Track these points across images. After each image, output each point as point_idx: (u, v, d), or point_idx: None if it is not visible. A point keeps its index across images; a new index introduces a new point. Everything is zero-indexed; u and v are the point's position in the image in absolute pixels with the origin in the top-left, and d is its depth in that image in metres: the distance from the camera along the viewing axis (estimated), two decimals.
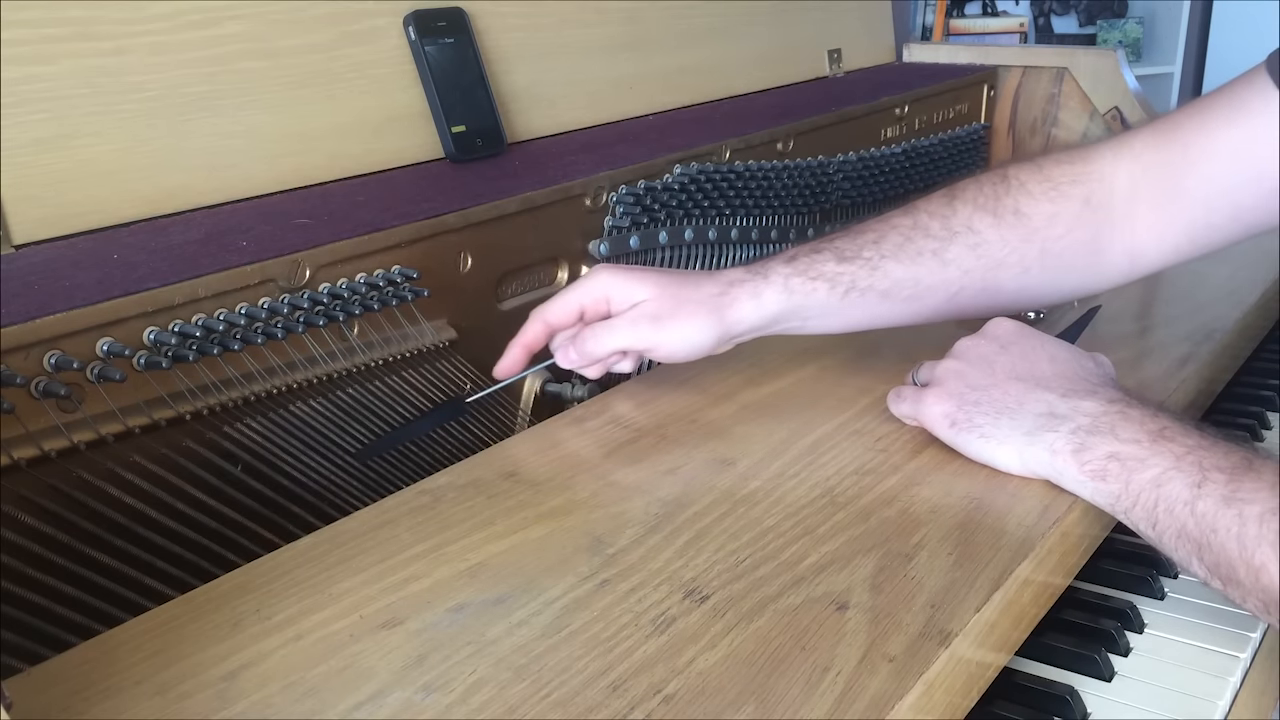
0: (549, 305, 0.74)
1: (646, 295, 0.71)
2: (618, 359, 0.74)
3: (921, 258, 0.72)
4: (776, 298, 0.71)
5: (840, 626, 0.51)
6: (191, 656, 0.50)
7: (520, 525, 0.60)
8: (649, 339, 0.71)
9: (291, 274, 0.69)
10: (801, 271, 0.72)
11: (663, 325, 0.71)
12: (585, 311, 0.73)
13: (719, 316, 0.71)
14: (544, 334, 0.74)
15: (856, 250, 0.73)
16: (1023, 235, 0.73)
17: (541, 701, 0.47)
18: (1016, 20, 3.14)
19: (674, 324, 0.71)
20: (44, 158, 0.70)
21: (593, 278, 0.73)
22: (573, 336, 0.73)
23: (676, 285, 0.72)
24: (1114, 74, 1.41)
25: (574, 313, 0.73)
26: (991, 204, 0.73)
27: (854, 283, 0.72)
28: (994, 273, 0.73)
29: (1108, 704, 0.60)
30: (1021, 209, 0.73)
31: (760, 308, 0.71)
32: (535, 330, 0.74)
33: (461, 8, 0.94)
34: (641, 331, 0.71)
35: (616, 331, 0.71)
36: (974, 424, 0.65)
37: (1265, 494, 0.53)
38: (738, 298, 0.71)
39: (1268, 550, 0.52)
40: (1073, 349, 0.69)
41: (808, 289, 0.72)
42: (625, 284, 0.72)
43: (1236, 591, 0.54)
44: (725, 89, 1.23)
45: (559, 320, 0.74)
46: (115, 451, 0.61)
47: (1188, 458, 0.56)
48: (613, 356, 0.73)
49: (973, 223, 0.73)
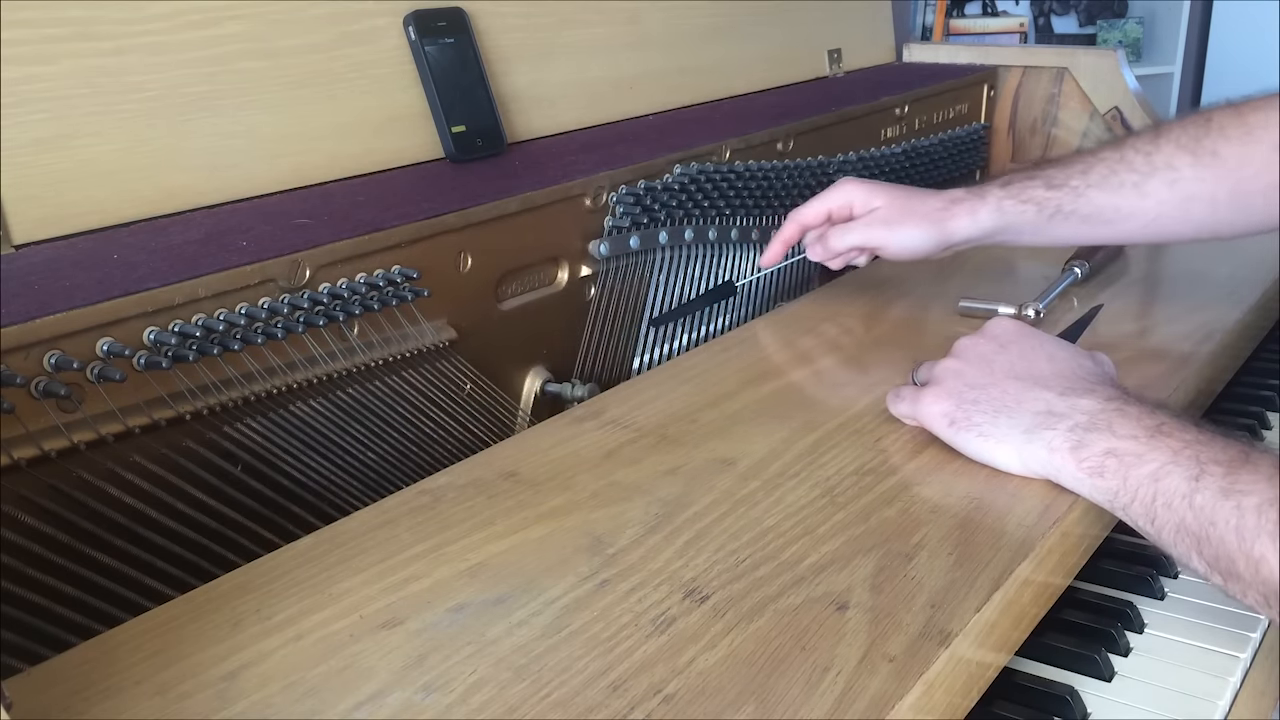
0: (802, 208, 0.89)
1: (881, 203, 0.86)
2: (855, 255, 0.89)
3: (1123, 189, 0.81)
4: (990, 216, 0.83)
5: (840, 626, 0.51)
6: (191, 656, 0.50)
7: (520, 525, 0.60)
8: (881, 239, 0.85)
9: (291, 274, 0.69)
10: (1014, 195, 0.83)
11: (893, 229, 0.85)
12: (832, 214, 0.88)
13: (940, 227, 0.84)
14: (798, 232, 0.90)
15: (1065, 179, 0.82)
16: (1217, 175, 0.79)
17: (541, 701, 0.47)
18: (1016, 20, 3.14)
19: (902, 229, 0.85)
20: (44, 158, 0.70)
21: (839, 187, 0.87)
22: (820, 235, 0.88)
23: (906, 198, 0.86)
24: (1114, 74, 1.41)
25: (823, 214, 0.88)
26: (1192, 144, 0.79)
27: (1060, 207, 0.82)
28: (1188, 205, 0.80)
29: (1108, 704, 0.60)
30: (1219, 150, 0.79)
31: (975, 223, 0.83)
32: (791, 230, 0.90)
33: (461, 8, 0.94)
34: (875, 233, 0.85)
35: (855, 231, 0.86)
36: (972, 423, 0.65)
37: (1263, 485, 0.53)
38: (957, 214, 0.84)
39: (1266, 541, 0.51)
40: (1071, 348, 0.69)
41: (1018, 210, 0.83)
42: (865, 193, 0.86)
43: (1236, 585, 0.54)
44: (725, 89, 1.23)
45: (810, 220, 0.89)
46: (115, 451, 0.61)
47: (1185, 452, 0.56)
48: (851, 252, 0.88)
49: (1174, 160, 0.80)
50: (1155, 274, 1.02)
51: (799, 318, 0.92)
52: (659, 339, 0.97)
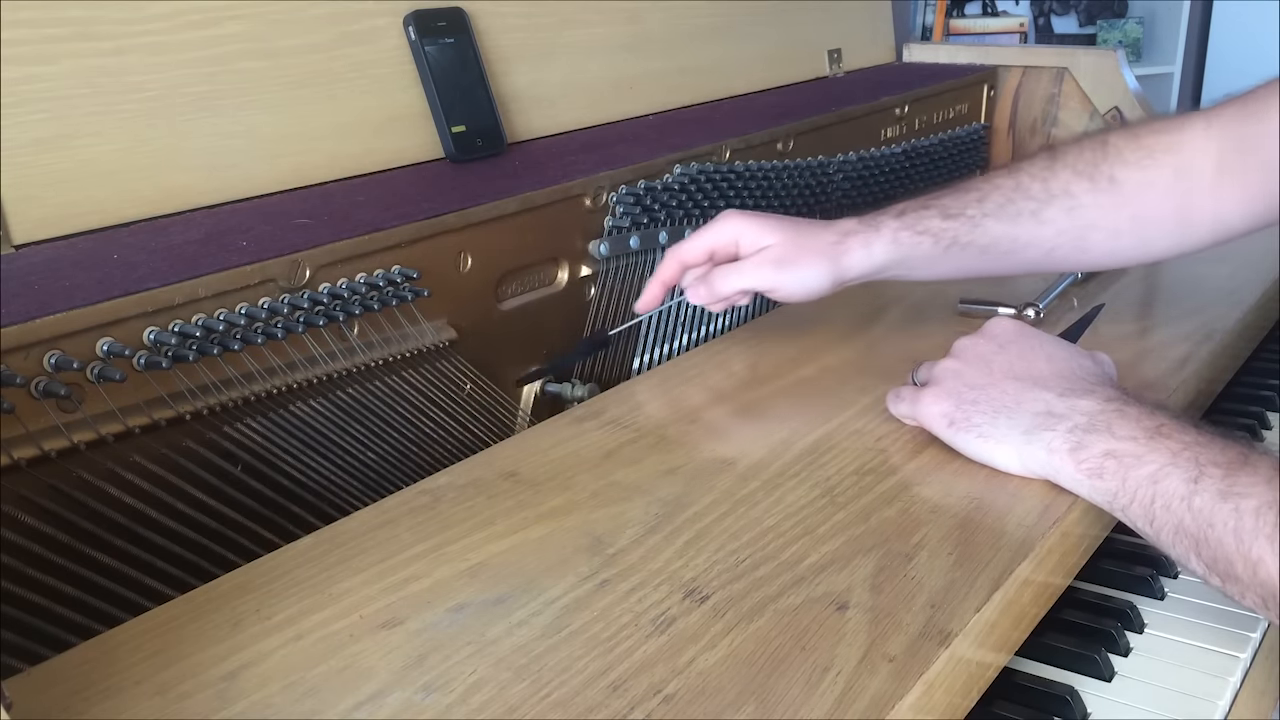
0: (682, 245, 0.82)
1: (771, 241, 0.79)
2: (740, 297, 0.82)
3: (1020, 218, 0.78)
4: (885, 249, 0.78)
5: (840, 626, 0.51)
6: (191, 656, 0.50)
7: (520, 525, 0.60)
8: (771, 281, 0.79)
9: (291, 274, 0.69)
10: (909, 226, 0.78)
11: (784, 270, 0.78)
12: (715, 252, 0.81)
13: (834, 264, 0.78)
14: (678, 271, 0.82)
15: (960, 208, 0.79)
16: (1116, 201, 0.77)
17: (541, 701, 0.47)
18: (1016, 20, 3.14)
19: (794, 269, 0.78)
20: (44, 158, 0.70)
21: (723, 221, 0.80)
22: (703, 276, 0.81)
23: (797, 233, 0.79)
24: (1114, 74, 1.41)
25: (705, 252, 0.81)
26: (1089, 170, 0.77)
27: (956, 238, 0.78)
28: (1087, 233, 0.78)
29: (1108, 704, 0.60)
30: (1116, 176, 0.77)
31: (870, 257, 0.78)
32: (670, 268, 0.82)
33: (461, 8, 0.94)
34: (765, 274, 0.79)
35: (744, 274, 0.79)
36: (972, 423, 0.65)
37: (1261, 488, 0.53)
38: (850, 247, 0.78)
39: (1264, 544, 0.52)
40: (1071, 348, 0.69)
41: (914, 242, 0.78)
42: (752, 229, 0.80)
43: (1235, 587, 0.54)
44: (725, 89, 1.23)
45: (692, 259, 0.81)
46: (115, 451, 0.61)
47: (1184, 454, 0.56)
48: (738, 295, 0.81)
49: (1070, 187, 0.77)
50: (1155, 274, 1.02)
51: (799, 317, 0.92)
52: (659, 339, 0.97)
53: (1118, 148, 0.77)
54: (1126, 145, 0.77)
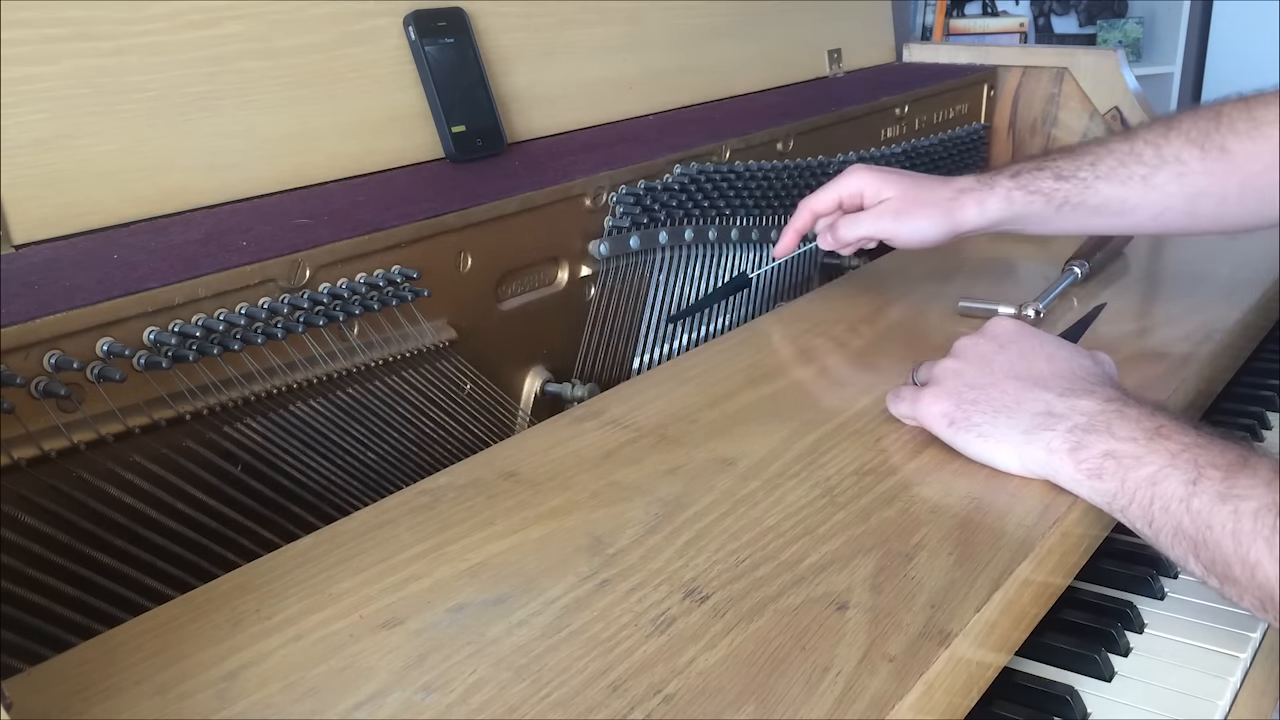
0: (814, 196, 0.90)
1: (891, 194, 0.87)
2: (865, 243, 0.90)
3: (1131, 181, 0.81)
4: (998, 206, 0.84)
5: (840, 626, 0.51)
6: (191, 656, 0.50)
7: (520, 525, 0.60)
8: (890, 229, 0.87)
9: (291, 274, 0.69)
10: (1023, 185, 0.84)
11: (901, 220, 0.86)
12: (843, 202, 0.89)
13: (949, 217, 0.85)
14: (810, 220, 0.91)
15: (1074, 170, 0.83)
16: (1226, 169, 0.79)
17: (541, 701, 0.47)
18: (1016, 20, 3.14)
19: (911, 219, 0.86)
20: (44, 158, 0.70)
21: (850, 175, 0.89)
22: (830, 224, 0.90)
23: (916, 187, 0.87)
24: (1114, 74, 1.41)
25: (834, 203, 0.90)
26: (1201, 139, 0.80)
27: (1068, 199, 0.83)
28: (1196, 199, 0.80)
29: (1108, 704, 0.60)
30: (1227, 145, 0.79)
31: (984, 213, 0.84)
32: (804, 217, 0.91)
33: (461, 8, 0.94)
34: (885, 223, 0.87)
35: (865, 222, 0.87)
36: (972, 423, 0.65)
37: (1260, 490, 0.53)
38: (965, 204, 0.85)
39: (1263, 546, 0.51)
40: (1071, 348, 0.69)
41: (1026, 201, 0.83)
42: (876, 182, 0.88)
43: (1233, 589, 0.54)
44: (725, 89, 1.23)
45: (822, 208, 0.90)
46: (115, 451, 0.61)
47: (1183, 455, 0.56)
48: (862, 241, 0.89)
49: (1182, 154, 0.80)
50: (1155, 274, 1.02)
51: (799, 317, 0.92)
52: (659, 339, 0.97)
53: (1230, 118, 0.79)
54: (1239, 116, 0.79)
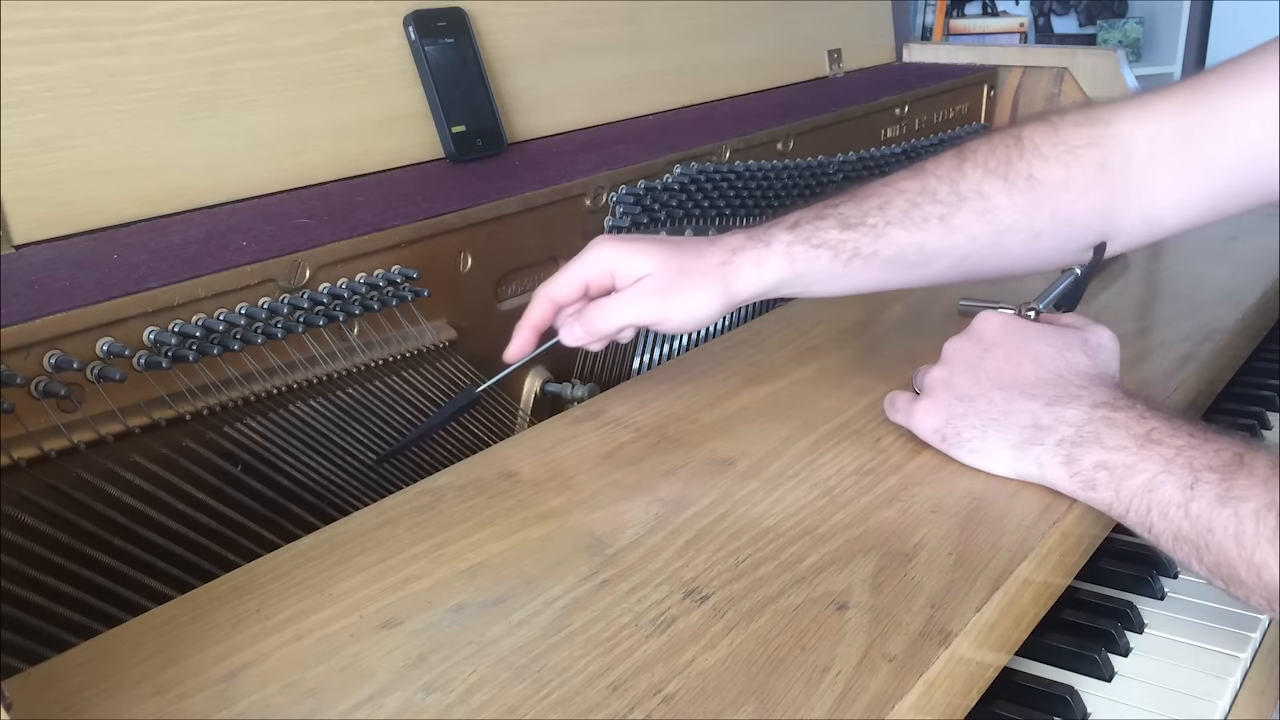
0: (552, 282, 0.73)
1: (651, 269, 0.71)
2: (623, 333, 0.74)
3: (928, 224, 0.71)
4: (779, 265, 0.71)
5: (840, 626, 0.51)
6: (191, 656, 0.50)
7: (520, 525, 0.60)
8: (656, 313, 0.71)
9: (291, 274, 0.69)
10: (804, 239, 0.71)
11: (668, 299, 0.70)
12: (590, 287, 0.73)
13: (724, 286, 0.71)
14: (551, 312, 0.74)
15: (861, 217, 0.71)
16: (1034, 201, 0.71)
17: (541, 701, 0.47)
18: (1016, 20, 3.14)
19: (680, 296, 0.70)
20: (44, 158, 0.70)
21: (595, 251, 0.72)
22: (578, 313, 0.73)
23: (680, 256, 0.71)
24: (1114, 74, 1.41)
25: (579, 288, 0.73)
26: (1003, 168, 0.71)
27: (857, 250, 0.71)
28: (1003, 237, 0.72)
29: (1108, 704, 0.60)
30: (1034, 174, 0.70)
31: (762, 275, 0.71)
32: (542, 309, 0.73)
33: (461, 8, 0.94)
34: (648, 306, 0.71)
35: (623, 308, 0.71)
36: (963, 438, 0.64)
37: (1259, 490, 0.52)
38: (741, 266, 0.71)
39: (1266, 547, 0.51)
40: (1061, 342, 0.66)
41: (810, 256, 0.71)
42: (628, 257, 0.71)
43: (1240, 590, 0.54)
44: (725, 89, 1.23)
45: (564, 297, 0.73)
46: (115, 451, 0.61)
47: (1178, 459, 0.56)
48: (619, 330, 0.73)
49: (982, 187, 0.71)
50: (1155, 274, 1.02)
51: (799, 317, 0.92)
52: (659, 339, 0.97)
53: (1034, 143, 0.71)
54: (1044, 139, 0.71)
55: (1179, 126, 0.69)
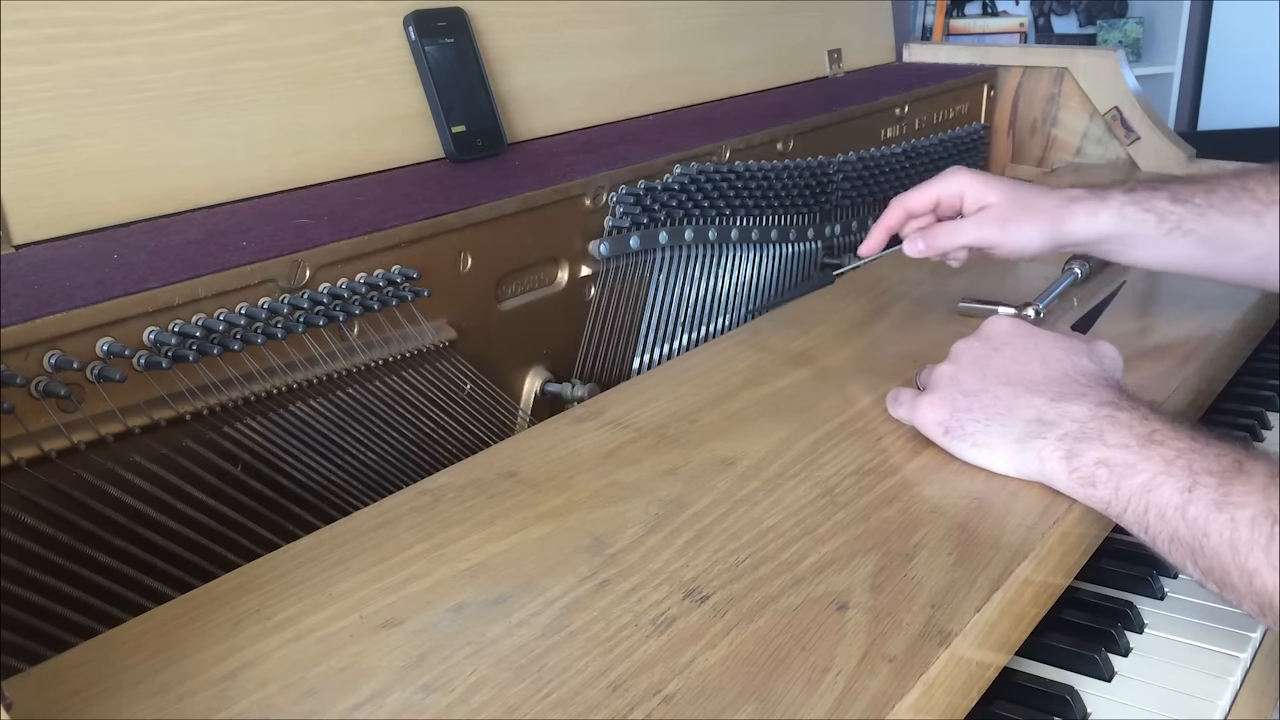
0: (910, 194, 0.85)
1: (994, 200, 0.81)
2: (959, 252, 0.84)
3: (1244, 216, 0.78)
4: (1110, 219, 0.79)
5: (840, 626, 0.51)
6: (191, 656, 0.50)
7: (520, 525, 0.60)
8: (994, 238, 0.81)
9: (291, 274, 0.69)
10: (1138, 201, 0.80)
11: (1005, 228, 0.81)
12: (941, 204, 0.84)
13: (1055, 226, 0.80)
14: (902, 218, 0.85)
15: (1189, 195, 0.80)
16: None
17: (541, 701, 0.47)
18: (1016, 20, 3.14)
19: (1015, 227, 0.81)
20: (44, 158, 0.70)
21: (951, 176, 0.83)
22: (923, 230, 0.84)
23: (1021, 193, 0.82)
24: (1114, 74, 1.41)
25: (931, 203, 0.84)
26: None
27: (1180, 223, 0.79)
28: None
29: (1108, 704, 0.60)
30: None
31: (1094, 225, 0.80)
32: (895, 214, 0.85)
33: (461, 8, 0.94)
34: (987, 231, 0.81)
35: (965, 231, 0.82)
36: (965, 432, 0.65)
37: (1256, 497, 0.52)
38: (1076, 213, 0.80)
39: (1260, 555, 0.51)
40: (1069, 345, 0.67)
41: (1139, 218, 0.79)
42: (977, 186, 0.82)
43: (1232, 595, 0.54)
44: (725, 89, 1.23)
45: (918, 208, 0.84)
46: (115, 451, 0.61)
47: (1178, 461, 0.56)
48: (960, 249, 0.84)
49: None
50: (1155, 274, 1.02)
51: (799, 317, 0.92)
52: (659, 339, 0.97)
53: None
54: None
55: None
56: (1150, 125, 1.39)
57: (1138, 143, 1.39)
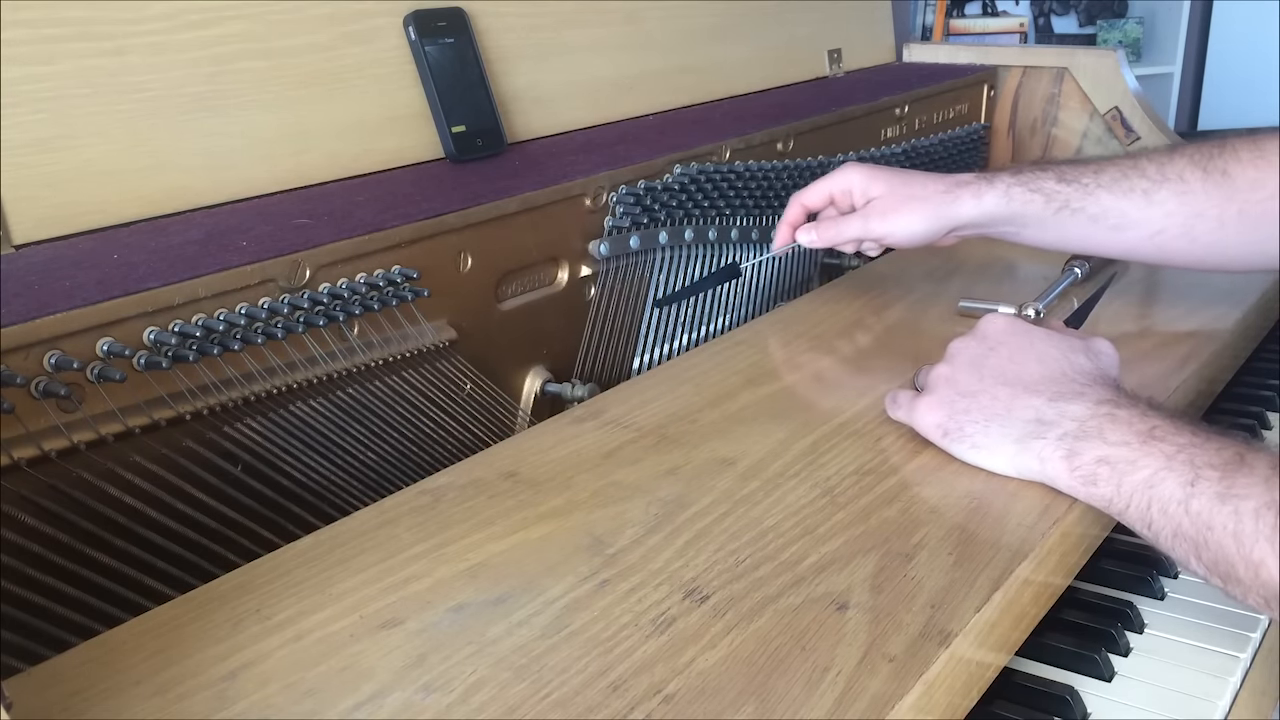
0: (805, 190, 0.91)
1: (879, 192, 0.86)
2: (851, 245, 0.89)
3: (1133, 194, 0.81)
4: (996, 201, 0.83)
5: (840, 626, 0.51)
6: (191, 656, 0.50)
7: (520, 525, 0.60)
8: (879, 230, 0.86)
9: (291, 274, 0.69)
10: (1024, 183, 0.83)
11: (889, 219, 0.85)
12: (835, 199, 0.90)
13: (939, 212, 0.84)
14: (800, 213, 0.91)
15: (1076, 175, 0.83)
16: (1226, 193, 0.79)
17: (541, 701, 0.47)
18: (1016, 20, 3.14)
19: (897, 218, 0.85)
20: (44, 158, 0.70)
21: (841, 172, 0.89)
22: (816, 224, 0.90)
23: (906, 183, 0.86)
24: (1114, 74, 1.41)
25: (825, 198, 0.90)
26: (1204, 161, 0.80)
27: (1068, 202, 0.82)
28: (1193, 221, 0.80)
29: (1108, 704, 0.60)
30: (1229, 170, 0.79)
31: (980, 207, 0.84)
32: (794, 210, 0.91)
33: (461, 8, 0.94)
34: (873, 224, 0.86)
35: (852, 224, 0.87)
36: (964, 433, 0.64)
37: (1260, 489, 0.52)
38: (960, 197, 0.84)
39: (1265, 546, 0.51)
40: (1065, 344, 0.67)
41: (1025, 199, 0.83)
42: (864, 180, 0.87)
43: (1237, 588, 0.54)
44: (725, 89, 1.23)
45: (812, 203, 0.91)
46: (115, 451, 0.61)
47: (1179, 456, 0.56)
48: (848, 243, 0.89)
49: (1185, 173, 0.80)
50: (1155, 274, 1.02)
51: (799, 318, 0.92)
52: (659, 339, 0.97)
53: (1234, 146, 0.80)
54: (1244, 145, 0.79)
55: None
56: (1150, 125, 1.39)
57: (1138, 143, 1.39)
